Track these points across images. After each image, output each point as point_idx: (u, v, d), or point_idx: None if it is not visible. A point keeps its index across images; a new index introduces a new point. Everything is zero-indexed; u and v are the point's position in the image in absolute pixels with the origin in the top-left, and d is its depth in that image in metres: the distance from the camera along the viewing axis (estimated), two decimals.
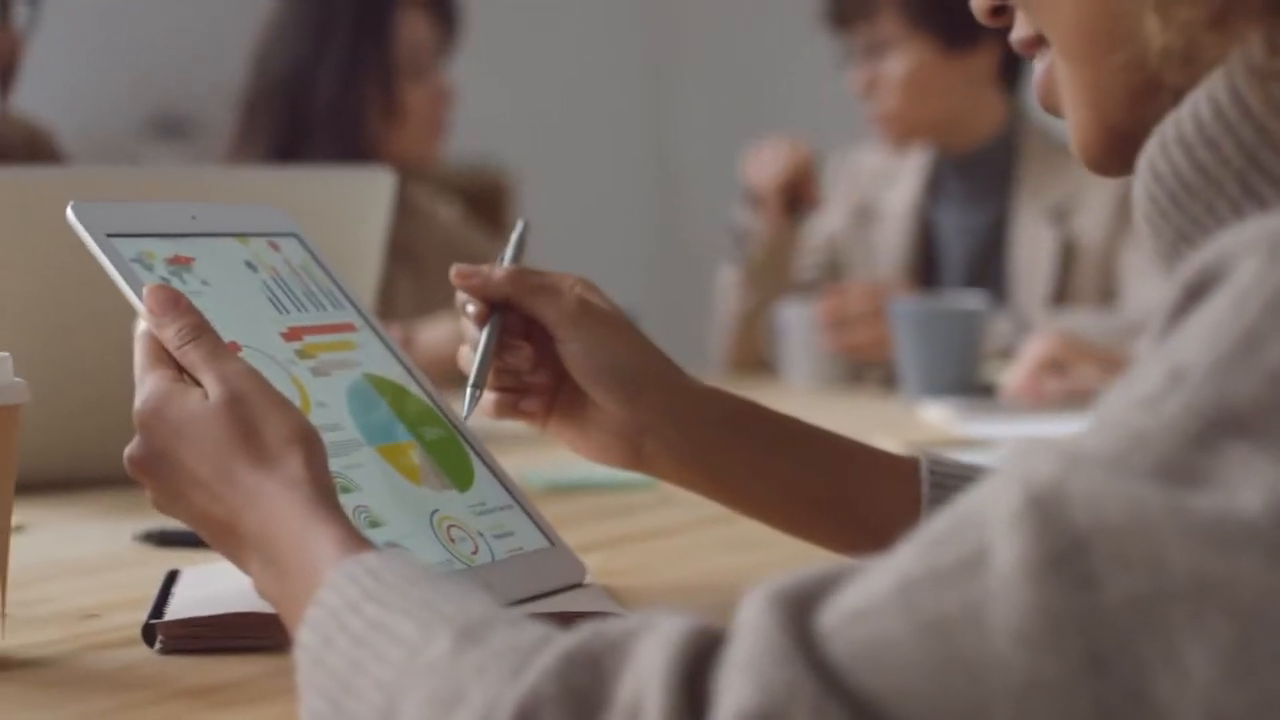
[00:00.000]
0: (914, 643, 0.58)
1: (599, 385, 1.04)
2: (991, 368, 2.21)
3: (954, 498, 1.05)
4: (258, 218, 1.05)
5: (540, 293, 1.05)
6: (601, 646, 0.65)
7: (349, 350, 1.03)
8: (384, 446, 0.99)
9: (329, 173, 1.71)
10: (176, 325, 0.92)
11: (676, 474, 1.07)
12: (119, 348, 1.52)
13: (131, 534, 1.27)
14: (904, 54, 2.58)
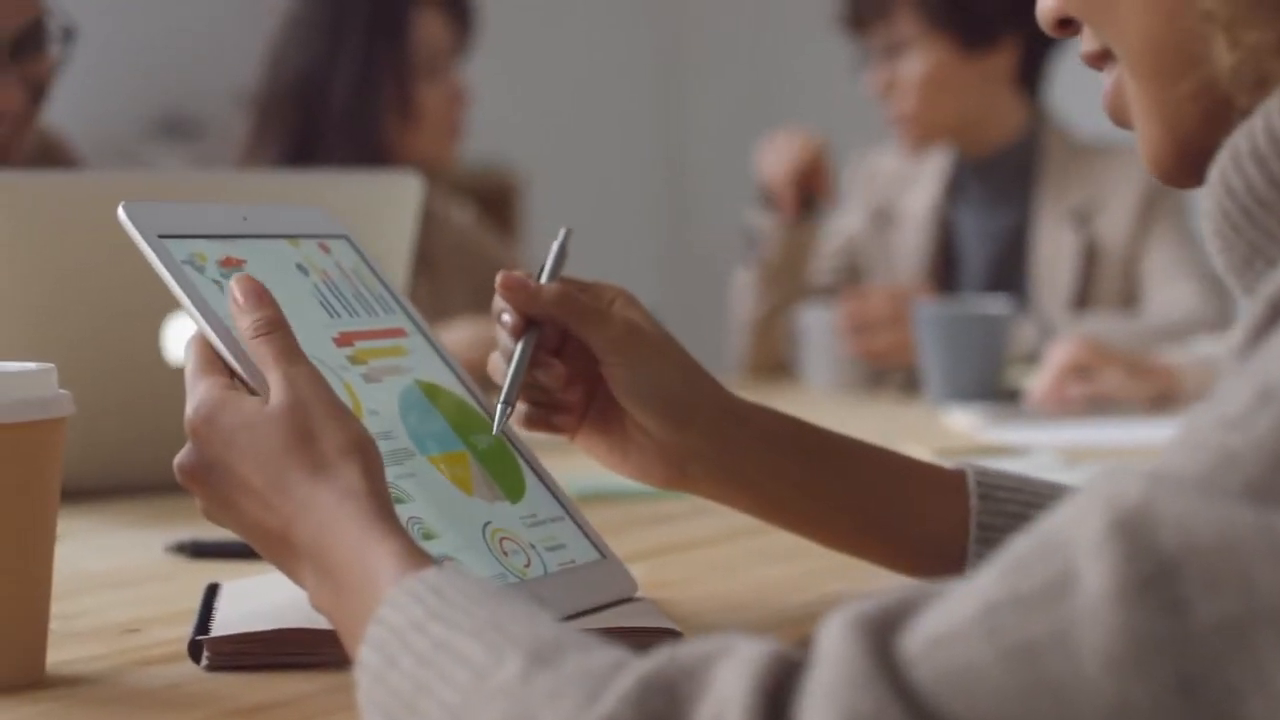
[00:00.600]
0: (1000, 668, 0.57)
1: (647, 411, 1.02)
2: (1016, 373, 2.19)
3: (1003, 510, 1.05)
4: (308, 220, 1.04)
5: (588, 317, 1.03)
6: (677, 672, 0.63)
7: (400, 356, 1.02)
8: (437, 456, 0.97)
9: (357, 177, 1.69)
10: (255, 316, 0.90)
11: (720, 494, 1.05)
12: (142, 354, 1.51)
13: (163, 545, 1.26)
14: (921, 54, 2.56)
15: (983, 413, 2.01)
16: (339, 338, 0.98)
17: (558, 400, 1.04)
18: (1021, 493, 1.05)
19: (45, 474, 0.88)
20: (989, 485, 1.05)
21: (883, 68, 2.60)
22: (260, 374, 0.89)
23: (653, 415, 1.02)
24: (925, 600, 0.61)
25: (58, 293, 1.47)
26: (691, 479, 1.04)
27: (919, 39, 2.56)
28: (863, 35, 2.62)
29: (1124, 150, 2.67)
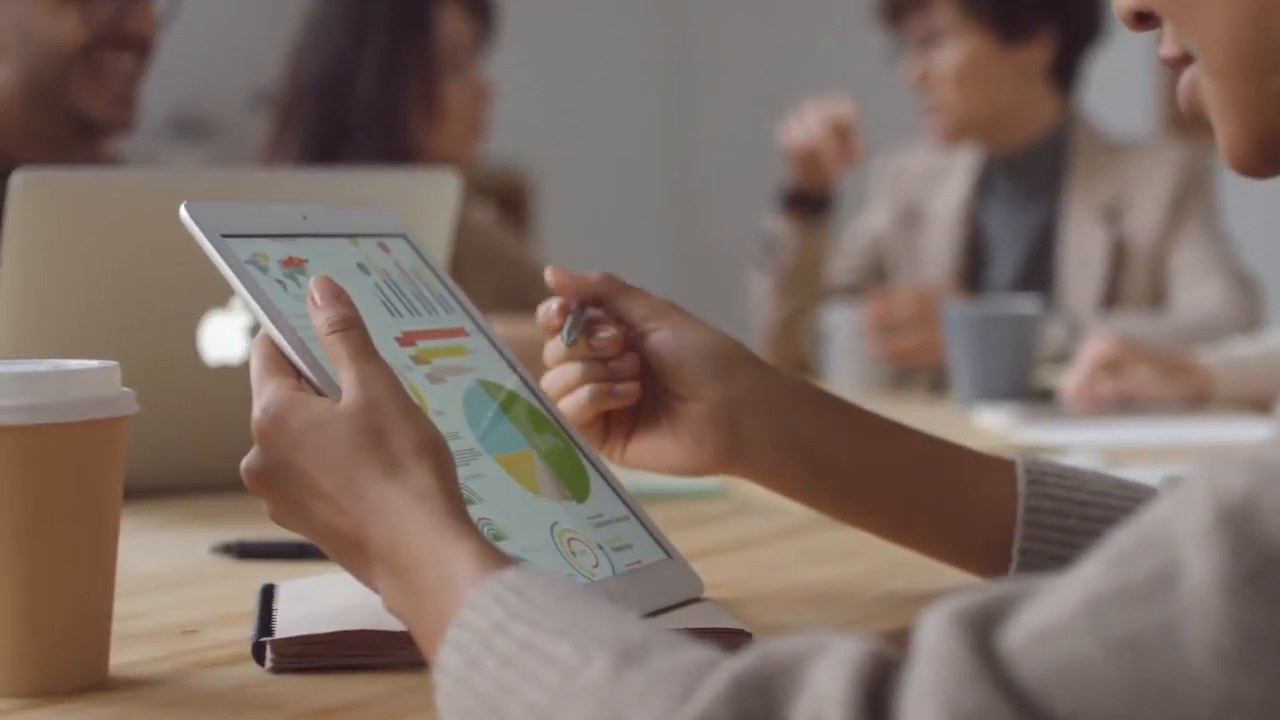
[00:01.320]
0: (1106, 663, 0.57)
1: (689, 365, 1.03)
2: (1046, 373, 2.18)
3: (1050, 494, 1.04)
4: (367, 218, 1.03)
5: (630, 291, 1.05)
6: (772, 669, 0.63)
7: (462, 355, 1.01)
8: (503, 456, 0.97)
9: (394, 175, 1.68)
10: (331, 313, 0.89)
11: (776, 465, 1.04)
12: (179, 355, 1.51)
13: (208, 546, 1.25)
14: (957, 45, 2.56)
15: (1014, 413, 2.01)
16: (401, 337, 0.98)
17: (615, 371, 1.04)
18: (1069, 479, 1.05)
19: (110, 473, 0.88)
20: (1037, 471, 1.05)
21: (917, 59, 2.60)
22: (329, 374, 0.88)
23: (694, 367, 1.03)
24: (1024, 595, 0.61)
25: (95, 292, 1.46)
26: (744, 444, 1.03)
27: (955, 30, 2.55)
28: (899, 26, 2.61)
29: (1154, 148, 2.67)
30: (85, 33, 1.74)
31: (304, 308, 0.91)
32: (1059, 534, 1.03)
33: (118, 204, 1.46)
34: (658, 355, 1.04)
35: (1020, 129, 2.63)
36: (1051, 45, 2.59)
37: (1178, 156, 2.60)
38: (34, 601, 0.84)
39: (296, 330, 0.90)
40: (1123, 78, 2.69)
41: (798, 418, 1.03)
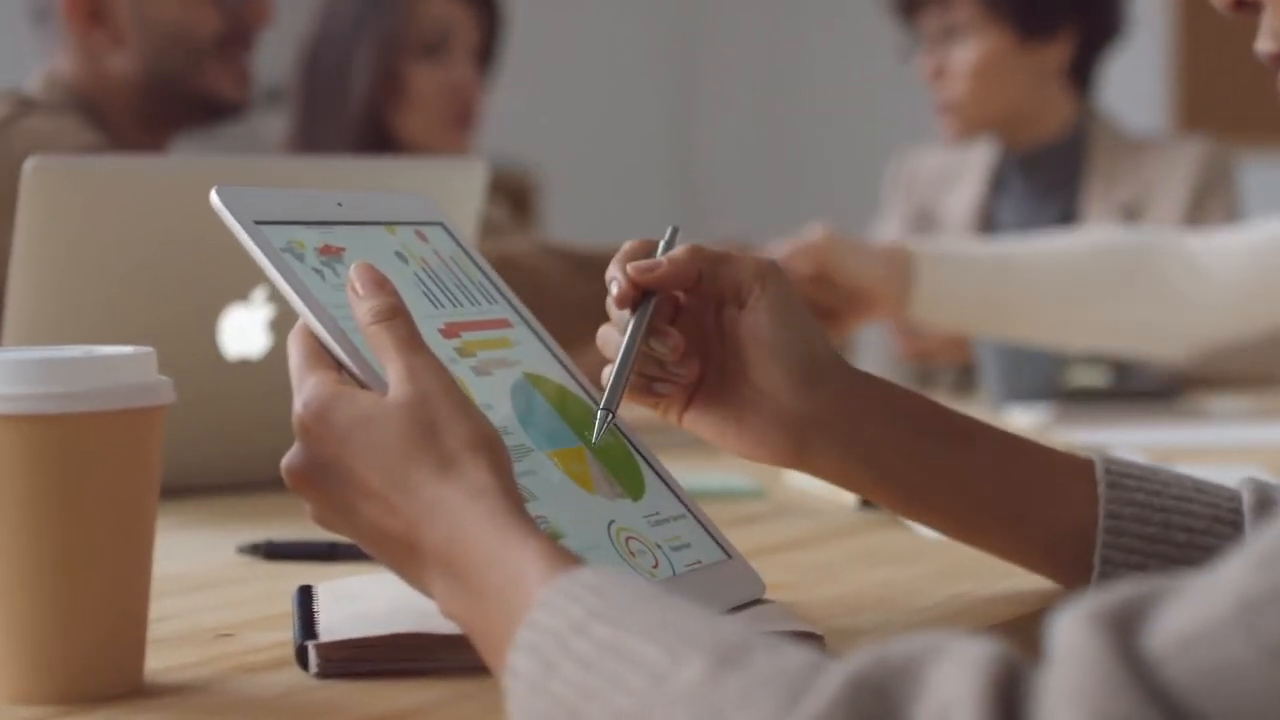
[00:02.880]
0: (1262, 668, 0.53)
1: (774, 366, 0.96)
2: (1077, 371, 2.14)
3: (1131, 499, 1.00)
4: (403, 205, 0.98)
5: (724, 259, 0.97)
6: (887, 671, 0.58)
7: (507, 348, 0.96)
8: (554, 452, 0.92)
9: (419, 163, 1.64)
10: (374, 302, 0.84)
11: (838, 471, 0.99)
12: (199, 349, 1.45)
13: (235, 546, 1.20)
14: (976, 41, 2.51)
15: (1047, 413, 1.96)
16: (445, 329, 0.93)
17: (668, 374, 0.98)
18: (1150, 482, 1.01)
19: (148, 466, 0.82)
20: (1117, 473, 1.00)
21: (932, 54, 2.55)
22: (372, 367, 0.83)
23: (784, 369, 0.96)
24: (1165, 595, 0.56)
25: (109, 284, 1.40)
26: (811, 453, 0.97)
27: (974, 26, 2.50)
28: (915, 19, 2.56)
29: (1173, 144, 2.62)
30: (220, 23, 1.92)
31: (343, 297, 0.86)
32: (1140, 541, 0.98)
33: (134, 193, 1.41)
34: (745, 338, 0.96)
35: (1036, 128, 2.59)
36: (1072, 44, 2.54)
37: (1198, 152, 2.55)
38: (69, 604, 0.79)
39: (337, 321, 0.85)
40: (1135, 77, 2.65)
41: (876, 433, 0.97)
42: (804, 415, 0.96)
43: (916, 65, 2.58)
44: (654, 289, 0.96)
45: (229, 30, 1.95)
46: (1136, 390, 2.16)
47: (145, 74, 1.95)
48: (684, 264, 0.96)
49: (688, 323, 0.99)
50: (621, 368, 0.94)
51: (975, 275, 1.83)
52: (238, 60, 1.97)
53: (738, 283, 0.97)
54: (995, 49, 2.51)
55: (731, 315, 0.97)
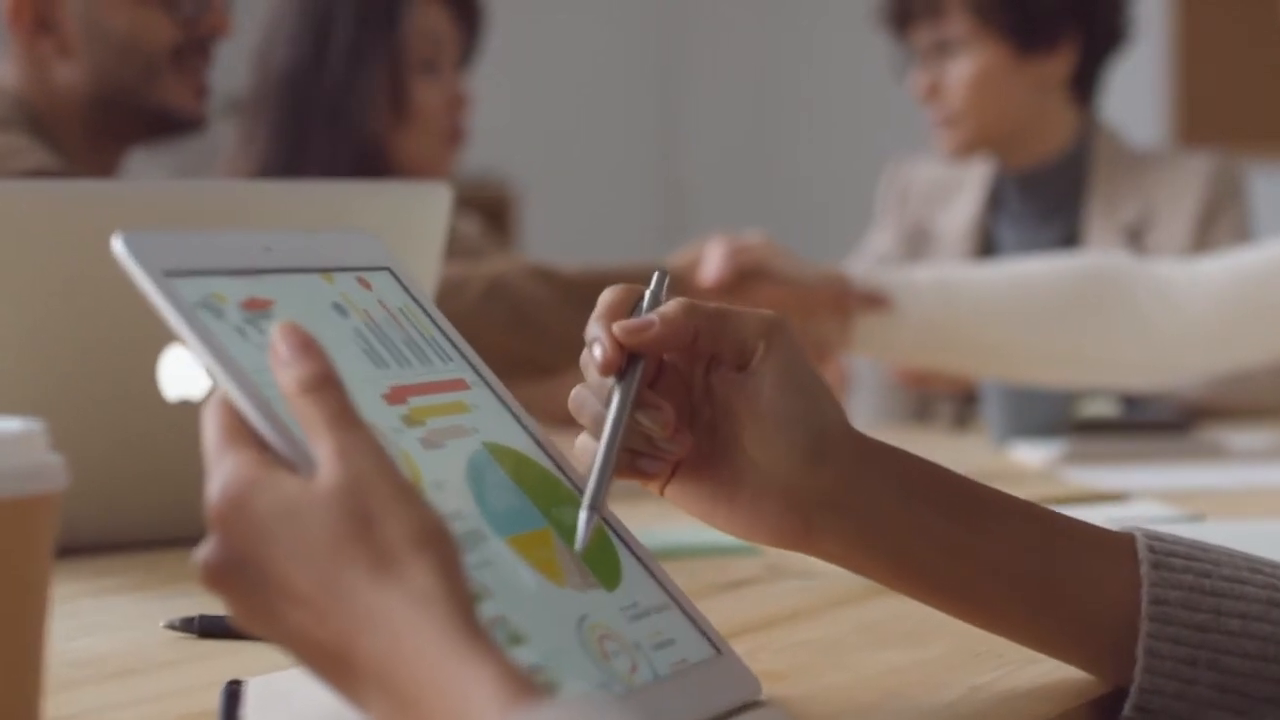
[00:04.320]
0: None
1: (785, 436, 0.84)
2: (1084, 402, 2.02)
3: (1179, 582, 0.88)
4: (343, 248, 0.85)
5: (725, 316, 0.85)
6: None
7: (463, 414, 0.83)
8: (517, 537, 0.79)
9: (381, 188, 1.50)
10: (301, 369, 0.72)
11: (844, 555, 0.88)
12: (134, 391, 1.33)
13: (165, 620, 1.07)
14: (972, 56, 2.38)
15: (1053, 450, 1.83)
16: (390, 393, 0.80)
17: (655, 449, 0.86)
18: (1198, 560, 0.89)
19: (34, 561, 0.70)
20: (1162, 552, 0.88)
21: (926, 69, 2.42)
22: (302, 445, 0.71)
23: (789, 442, 0.84)
24: None
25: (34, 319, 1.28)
26: (816, 535, 0.86)
27: (969, 39, 2.38)
28: (908, 33, 2.43)
29: (1180, 158, 2.49)
30: (176, 33, 1.80)
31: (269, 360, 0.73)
32: (1189, 630, 0.86)
33: (61, 220, 1.28)
34: (744, 405, 0.84)
35: (1037, 144, 2.46)
36: (1073, 54, 2.41)
37: (1206, 167, 2.42)
38: None
39: (261, 389, 0.73)
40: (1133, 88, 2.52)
41: (885, 508, 0.86)
42: (810, 493, 0.84)
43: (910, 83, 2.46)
44: (644, 353, 0.84)
45: (185, 41, 1.84)
46: (1148, 422, 2.04)
47: (95, 86, 1.82)
48: (680, 324, 0.84)
49: (673, 383, 0.87)
50: (608, 455, 0.82)
51: (914, 299, 1.71)
52: (194, 72, 1.85)
53: (739, 343, 0.85)
54: (992, 63, 2.39)
55: (727, 377, 0.85)
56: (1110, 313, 1.73)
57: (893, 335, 1.71)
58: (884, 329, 1.71)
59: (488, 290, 1.67)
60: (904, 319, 1.71)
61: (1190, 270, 1.76)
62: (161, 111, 1.83)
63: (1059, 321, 1.72)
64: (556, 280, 1.69)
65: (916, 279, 1.72)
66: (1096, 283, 1.74)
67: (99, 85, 1.81)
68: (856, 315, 1.71)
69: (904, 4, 2.41)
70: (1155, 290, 1.73)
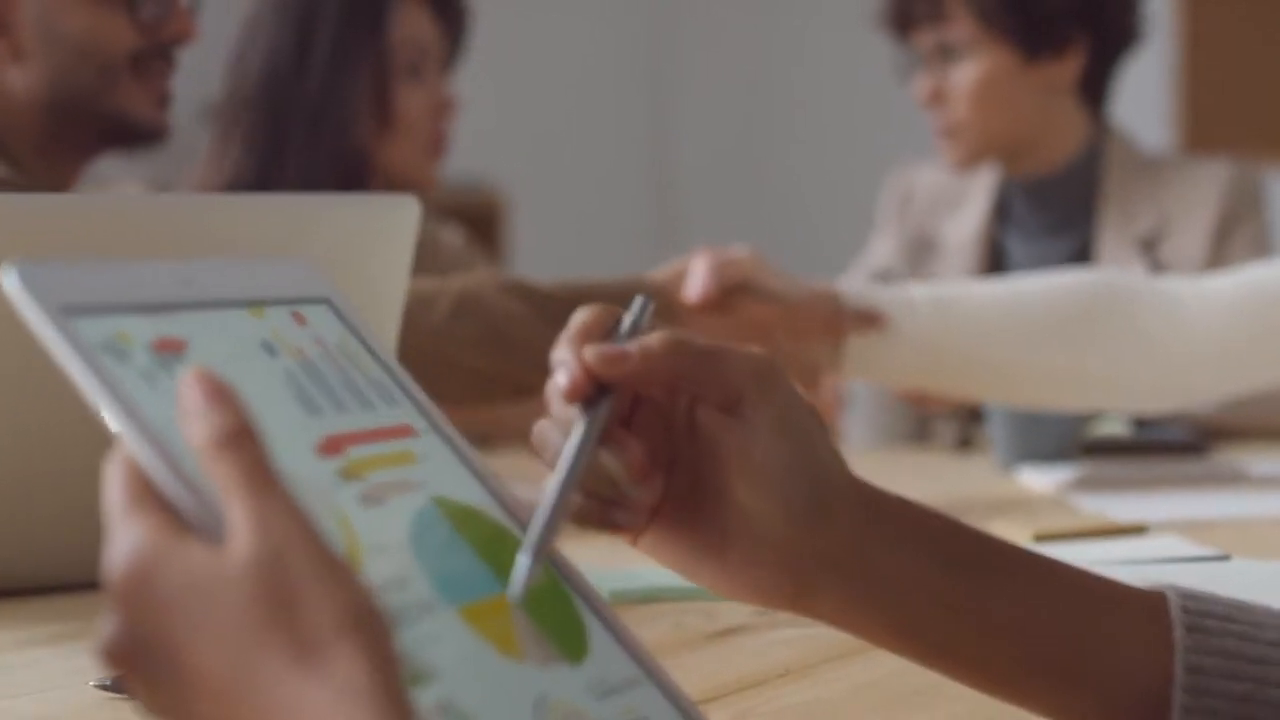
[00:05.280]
0: None
1: (780, 490, 0.75)
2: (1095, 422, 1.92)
3: (1218, 647, 0.78)
4: (275, 278, 0.75)
5: (711, 356, 0.75)
6: None
7: (409, 465, 0.73)
8: (469, 606, 0.69)
9: (343, 200, 1.41)
10: (212, 423, 0.62)
11: (847, 617, 0.78)
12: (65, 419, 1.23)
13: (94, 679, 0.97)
14: (976, 60, 2.29)
15: (1066, 477, 1.73)
16: (325, 443, 0.70)
17: (622, 495, 0.77)
18: (1237, 623, 0.79)
19: None
20: (1197, 613, 0.79)
21: (930, 73, 2.32)
22: (216, 510, 0.62)
23: (784, 497, 0.75)
24: None
25: None
26: (813, 596, 0.77)
27: (974, 43, 2.28)
28: (910, 37, 2.34)
29: (1196, 165, 2.39)
30: (136, 38, 1.70)
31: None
32: (1229, 702, 0.77)
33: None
34: (734, 454, 0.75)
35: (1046, 151, 2.36)
36: (1082, 57, 2.32)
37: (1224, 174, 2.32)
38: None
39: (169, 444, 0.63)
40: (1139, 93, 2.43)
41: (890, 566, 0.76)
42: (808, 552, 0.75)
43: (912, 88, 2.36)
44: (615, 386, 0.75)
45: (146, 46, 1.73)
46: (1163, 443, 1.95)
47: (50, 93, 1.71)
48: (662, 362, 0.75)
49: (649, 418, 0.77)
50: (560, 495, 0.72)
51: (909, 318, 1.61)
52: (155, 79, 1.74)
53: (728, 386, 0.75)
54: (996, 67, 2.29)
55: (714, 419, 0.75)
56: (1116, 332, 1.63)
57: (887, 356, 1.61)
58: (878, 350, 1.61)
59: (457, 305, 1.57)
60: (899, 339, 1.60)
61: (1200, 287, 1.66)
62: (120, 120, 1.72)
63: (1062, 341, 1.62)
64: (532, 294, 1.59)
65: (912, 296, 1.62)
66: (1101, 300, 1.64)
67: (54, 91, 1.71)
68: (849, 335, 1.61)
69: (906, 7, 2.32)
70: (1163, 308, 1.64)
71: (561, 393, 0.75)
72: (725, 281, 1.58)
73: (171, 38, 1.75)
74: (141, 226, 1.26)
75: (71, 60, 1.72)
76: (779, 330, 1.58)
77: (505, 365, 1.56)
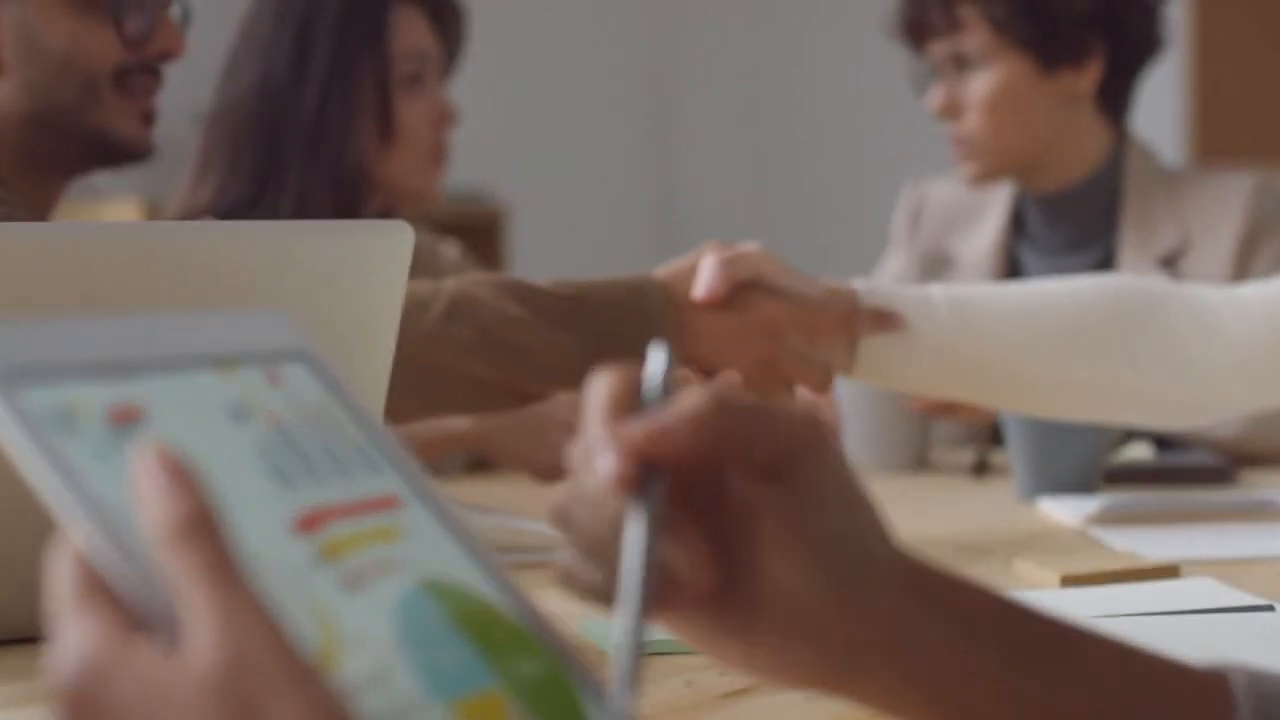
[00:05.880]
0: None
1: (823, 566, 0.68)
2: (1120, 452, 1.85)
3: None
4: (247, 332, 0.68)
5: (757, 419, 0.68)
6: None
7: (394, 542, 0.66)
8: (460, 701, 0.62)
9: (333, 228, 1.34)
10: (170, 510, 0.56)
11: (892, 704, 0.71)
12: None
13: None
14: (992, 70, 2.21)
15: (1089, 508, 1.65)
16: (300, 521, 0.63)
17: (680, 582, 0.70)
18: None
19: None
20: (1265, 696, 0.72)
21: (944, 84, 2.25)
22: (174, 608, 0.55)
23: (827, 574, 0.68)
24: None
25: None
26: (854, 679, 0.70)
27: (988, 53, 2.21)
28: (924, 47, 2.27)
29: (1220, 177, 2.30)
30: (120, 52, 1.63)
31: None
32: None
33: None
34: (771, 525, 0.68)
35: (1065, 166, 2.29)
36: (1101, 67, 2.24)
37: (1247, 186, 2.24)
38: None
39: (123, 532, 0.56)
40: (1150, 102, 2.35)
41: (934, 646, 0.69)
42: (852, 635, 0.68)
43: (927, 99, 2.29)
44: (665, 466, 0.67)
45: (132, 60, 1.65)
46: (1188, 469, 1.88)
47: (30, 108, 1.64)
48: (709, 427, 0.67)
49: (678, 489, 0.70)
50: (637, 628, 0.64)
51: (928, 319, 1.53)
52: (140, 96, 1.67)
53: (773, 451, 0.68)
54: (1012, 77, 2.22)
55: (748, 487, 0.68)
56: (1146, 340, 1.54)
57: (903, 359, 1.53)
58: (893, 352, 1.53)
59: (451, 308, 1.48)
60: (916, 341, 1.52)
61: (1233, 295, 1.58)
62: (102, 137, 1.64)
63: (1089, 349, 1.54)
64: (530, 294, 1.50)
65: (931, 297, 1.54)
66: (1130, 307, 1.55)
67: (35, 106, 1.63)
68: (863, 335, 1.53)
69: (919, 16, 2.24)
70: (1195, 315, 1.55)
71: (603, 483, 0.67)
72: (735, 278, 1.50)
73: (158, 53, 1.68)
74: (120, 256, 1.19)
75: (53, 74, 1.64)
76: (790, 328, 1.51)
77: (502, 371, 1.48)
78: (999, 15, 2.19)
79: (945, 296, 1.54)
